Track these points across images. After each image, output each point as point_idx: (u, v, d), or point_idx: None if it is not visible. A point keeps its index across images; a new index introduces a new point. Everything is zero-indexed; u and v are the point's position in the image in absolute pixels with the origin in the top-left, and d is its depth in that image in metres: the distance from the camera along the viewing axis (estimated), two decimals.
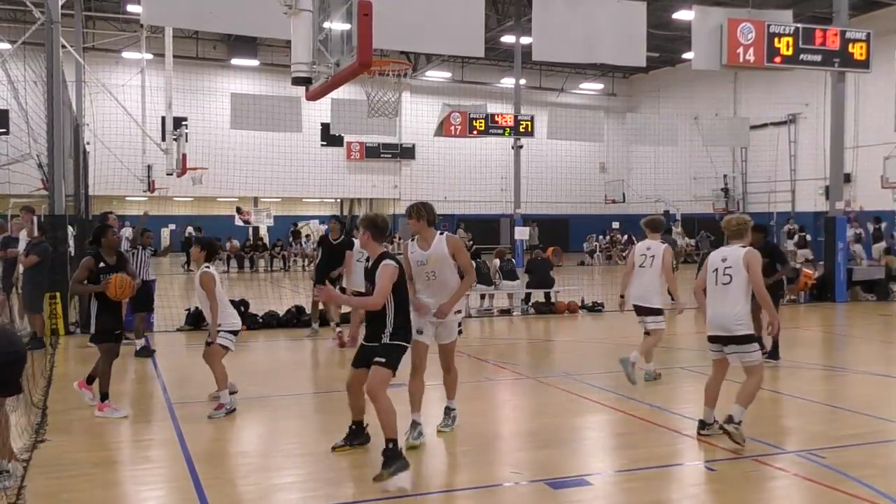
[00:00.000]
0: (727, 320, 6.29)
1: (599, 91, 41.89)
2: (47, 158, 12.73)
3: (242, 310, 13.26)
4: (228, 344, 7.54)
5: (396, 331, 5.68)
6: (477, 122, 27.21)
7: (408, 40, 13.63)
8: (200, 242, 7.84)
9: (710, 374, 6.67)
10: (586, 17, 13.92)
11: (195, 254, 7.79)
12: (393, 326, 5.67)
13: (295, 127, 20.07)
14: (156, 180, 25.36)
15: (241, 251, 28.98)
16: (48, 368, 9.31)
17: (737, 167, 35.58)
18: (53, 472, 5.71)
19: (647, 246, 8.87)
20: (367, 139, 36.04)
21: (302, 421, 7.50)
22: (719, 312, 6.35)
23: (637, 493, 5.38)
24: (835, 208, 18.06)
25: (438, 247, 6.20)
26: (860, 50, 16.21)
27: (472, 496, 5.37)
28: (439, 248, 6.20)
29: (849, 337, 11.28)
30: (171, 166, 22.08)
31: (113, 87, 21.70)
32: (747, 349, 6.31)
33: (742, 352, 6.32)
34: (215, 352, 7.47)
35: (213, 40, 34.29)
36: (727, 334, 6.32)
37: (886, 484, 5.38)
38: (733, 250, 6.41)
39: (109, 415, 7.30)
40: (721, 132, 25.37)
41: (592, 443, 6.79)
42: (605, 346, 11.91)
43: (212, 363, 7.45)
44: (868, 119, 27.96)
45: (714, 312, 6.40)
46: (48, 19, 12.80)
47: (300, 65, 7.26)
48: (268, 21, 10.12)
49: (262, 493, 5.40)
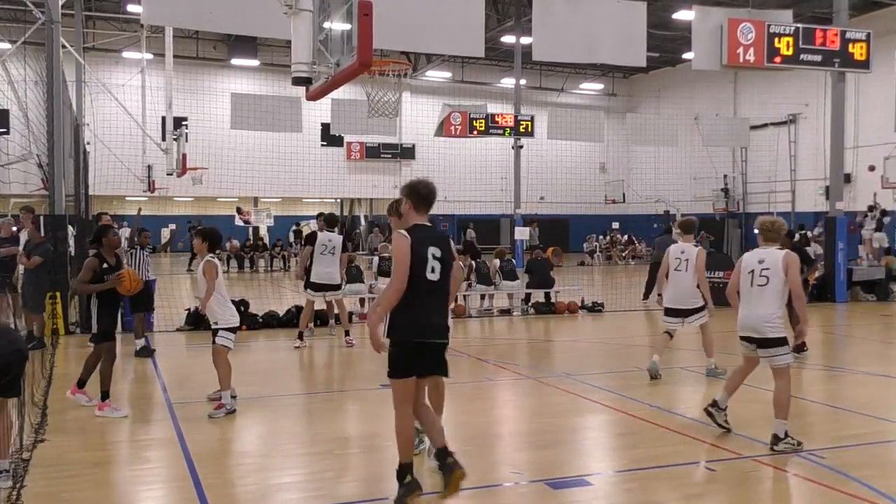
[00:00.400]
0: (759, 322, 6.29)
1: (599, 91, 41.89)
2: (47, 158, 12.73)
3: (242, 310, 13.26)
4: (228, 343, 7.55)
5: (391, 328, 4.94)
6: (477, 122, 27.22)
7: (408, 40, 13.63)
8: (202, 233, 7.72)
9: (740, 365, 6.73)
10: (586, 18, 13.92)
11: (198, 245, 7.68)
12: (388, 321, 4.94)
13: (295, 127, 20.07)
14: (156, 180, 25.33)
15: (241, 251, 28.98)
16: (48, 368, 9.31)
17: (737, 167, 35.56)
18: (53, 472, 5.70)
19: (682, 249, 9.08)
20: (368, 139, 36.01)
21: (302, 421, 7.51)
22: (753, 314, 6.34)
23: (637, 494, 5.38)
24: (835, 208, 18.06)
25: None
26: (860, 50, 16.20)
27: (472, 496, 5.36)
28: None
29: (849, 337, 11.28)
30: (172, 166, 22.05)
31: (113, 87, 21.69)
32: (777, 352, 6.30)
33: (771, 355, 6.32)
34: (218, 352, 7.48)
35: (214, 40, 34.28)
36: (759, 336, 6.32)
37: (886, 484, 5.38)
38: (770, 252, 6.38)
39: (109, 414, 7.30)
40: (721, 132, 25.36)
41: (592, 443, 6.79)
42: (605, 347, 11.91)
43: (217, 363, 7.46)
44: (868, 119, 27.96)
45: (747, 314, 6.39)
46: (48, 19, 12.80)
47: (300, 65, 7.26)
48: (268, 21, 10.12)
49: (262, 493, 5.40)
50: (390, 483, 5.52)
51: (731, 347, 10.06)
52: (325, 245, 11.24)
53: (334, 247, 11.25)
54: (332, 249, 11.24)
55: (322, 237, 11.35)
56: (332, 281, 11.34)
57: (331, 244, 11.24)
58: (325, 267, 11.22)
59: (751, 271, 6.39)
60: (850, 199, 26.35)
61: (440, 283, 4.89)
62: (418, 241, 4.82)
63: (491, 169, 34.49)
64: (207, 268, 7.47)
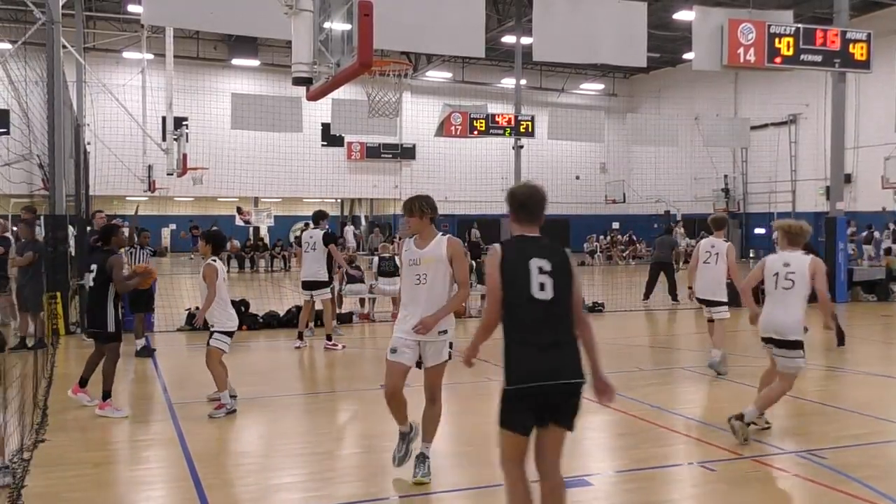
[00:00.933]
0: (782, 325, 6.36)
1: (600, 91, 41.89)
2: (48, 158, 12.73)
3: (243, 310, 13.27)
4: (223, 346, 7.53)
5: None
6: (477, 122, 27.22)
7: (408, 41, 13.63)
8: (206, 236, 7.81)
9: (768, 366, 6.84)
10: (587, 18, 13.92)
11: (202, 247, 7.75)
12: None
13: (295, 127, 20.08)
14: (156, 180, 25.33)
15: (242, 251, 28.99)
16: (49, 368, 9.31)
17: (737, 167, 35.57)
18: (53, 472, 5.71)
19: (712, 244, 9.40)
20: (368, 139, 36.03)
21: (302, 421, 7.51)
22: (776, 316, 6.40)
23: (637, 494, 5.38)
24: (835, 208, 18.05)
25: (437, 248, 5.42)
26: (861, 50, 16.20)
27: (473, 496, 5.37)
28: (437, 250, 5.41)
29: (849, 337, 11.28)
30: (172, 166, 22.05)
31: (113, 87, 21.67)
32: (792, 355, 6.37)
33: (786, 356, 6.39)
34: (211, 353, 7.48)
35: (214, 40, 34.29)
36: (780, 338, 6.39)
37: (886, 485, 5.38)
38: (797, 257, 6.44)
39: (110, 414, 7.31)
40: (721, 132, 25.37)
41: (593, 443, 6.79)
42: (605, 347, 11.85)
43: (209, 365, 7.46)
44: (868, 119, 27.96)
45: (771, 316, 6.45)
46: (49, 19, 12.80)
47: (301, 65, 7.25)
48: (268, 21, 10.12)
49: (262, 493, 5.41)
50: (390, 483, 5.54)
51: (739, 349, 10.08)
52: (307, 242, 11.33)
53: (315, 242, 11.27)
54: (313, 245, 11.27)
55: (304, 235, 11.51)
56: (318, 278, 11.28)
57: (312, 240, 11.28)
58: (310, 264, 11.28)
59: (775, 274, 6.45)
60: (851, 200, 26.39)
61: (554, 304, 3.89)
62: (515, 253, 3.96)
63: (491, 169, 34.50)
64: (208, 272, 7.48)
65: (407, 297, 5.51)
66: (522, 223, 4.05)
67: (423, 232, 5.52)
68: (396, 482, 5.54)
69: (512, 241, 4.07)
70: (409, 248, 5.53)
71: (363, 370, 10.02)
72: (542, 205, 4.07)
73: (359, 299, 14.75)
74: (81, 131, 19.29)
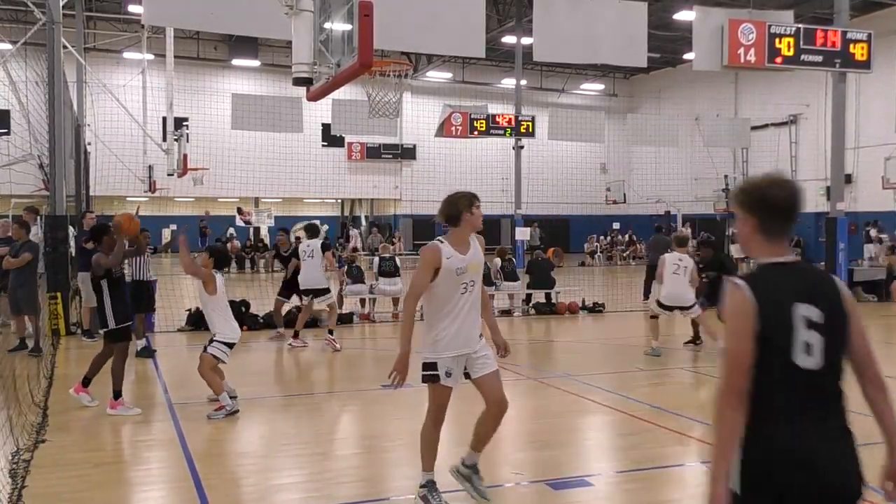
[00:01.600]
0: None
1: (600, 92, 41.89)
2: (48, 159, 12.73)
3: (243, 310, 13.28)
4: (221, 355, 7.52)
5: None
6: (478, 122, 27.22)
7: (408, 41, 13.61)
8: (210, 249, 7.91)
9: None
10: (587, 18, 13.91)
11: (204, 260, 7.73)
12: None
13: (296, 127, 20.08)
14: (157, 180, 25.31)
15: (242, 251, 28.99)
16: (49, 369, 9.31)
17: (738, 168, 35.54)
18: (53, 472, 5.71)
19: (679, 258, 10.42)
20: (368, 139, 36.02)
21: (302, 421, 7.50)
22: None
23: (638, 494, 5.38)
24: (836, 209, 18.05)
25: (477, 251, 4.95)
26: (861, 50, 16.19)
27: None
28: (478, 253, 4.96)
29: None
30: (172, 167, 22.05)
31: (114, 88, 21.65)
32: None
33: None
34: (204, 360, 7.47)
35: (214, 41, 34.29)
36: None
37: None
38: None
39: (124, 413, 7.33)
40: (722, 133, 25.37)
41: (593, 443, 6.79)
42: (605, 347, 11.91)
43: (201, 372, 7.46)
44: (869, 120, 27.95)
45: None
46: (49, 20, 12.81)
47: (301, 65, 7.26)
48: (269, 21, 10.11)
49: (262, 493, 5.41)
50: (390, 483, 5.54)
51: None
52: (304, 251, 11.70)
53: (313, 251, 11.63)
54: (311, 254, 11.63)
55: (301, 246, 11.89)
56: (318, 285, 11.61)
57: (309, 249, 11.64)
58: (308, 272, 11.58)
59: None
60: (851, 200, 26.37)
61: (823, 376, 2.61)
62: (772, 295, 2.54)
63: (492, 169, 34.47)
64: (206, 275, 7.51)
65: (446, 308, 4.77)
66: (774, 240, 2.62)
67: (463, 235, 4.95)
68: (397, 482, 5.55)
69: (761, 272, 2.63)
70: (452, 256, 4.78)
71: (363, 370, 10.02)
72: (797, 209, 2.65)
73: (359, 300, 14.76)
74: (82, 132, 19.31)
